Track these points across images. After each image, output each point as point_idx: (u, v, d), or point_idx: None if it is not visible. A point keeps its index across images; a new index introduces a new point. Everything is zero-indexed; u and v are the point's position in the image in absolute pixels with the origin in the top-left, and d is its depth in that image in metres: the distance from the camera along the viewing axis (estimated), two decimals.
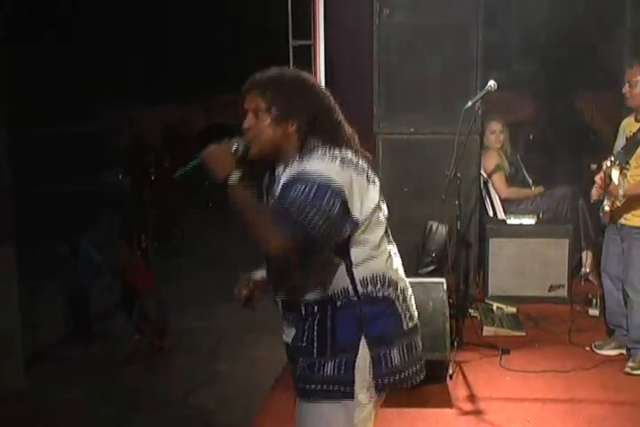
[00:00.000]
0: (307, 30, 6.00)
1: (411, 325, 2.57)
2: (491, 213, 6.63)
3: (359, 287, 2.47)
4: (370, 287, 2.48)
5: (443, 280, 4.77)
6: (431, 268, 5.82)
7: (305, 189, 2.33)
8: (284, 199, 2.36)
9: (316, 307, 2.50)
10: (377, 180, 2.54)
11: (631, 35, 7.31)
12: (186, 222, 8.81)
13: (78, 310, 5.74)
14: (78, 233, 6.45)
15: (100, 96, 12.07)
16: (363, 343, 2.47)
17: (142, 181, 8.65)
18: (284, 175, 2.47)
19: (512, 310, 6.01)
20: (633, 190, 4.63)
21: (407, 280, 2.65)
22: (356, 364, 2.47)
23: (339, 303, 2.48)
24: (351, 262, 2.46)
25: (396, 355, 2.50)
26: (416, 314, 2.63)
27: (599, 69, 7.83)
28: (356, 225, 2.42)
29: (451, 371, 4.72)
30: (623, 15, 7.41)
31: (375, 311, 2.49)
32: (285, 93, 2.48)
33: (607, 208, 4.82)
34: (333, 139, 2.50)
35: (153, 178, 8.74)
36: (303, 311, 2.53)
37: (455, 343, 5.07)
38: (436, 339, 4.50)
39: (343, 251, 2.46)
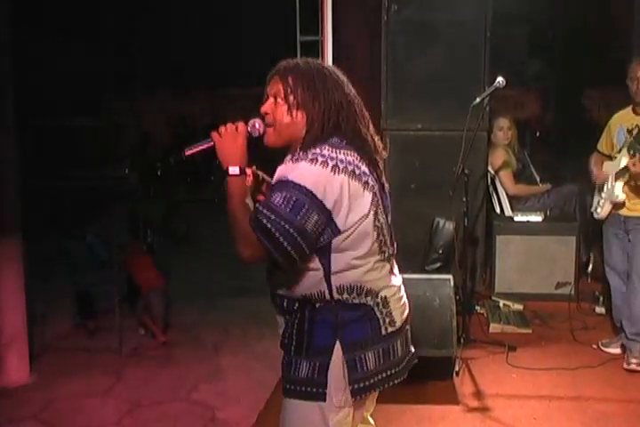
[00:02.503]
0: (315, 26, 5.99)
1: (390, 329, 2.53)
2: (498, 210, 6.62)
3: (335, 294, 2.44)
4: (345, 295, 2.45)
5: (449, 277, 4.75)
6: (438, 264, 5.81)
7: (285, 199, 2.31)
8: (268, 203, 2.35)
9: (296, 304, 2.49)
10: (377, 185, 2.49)
11: (639, 32, 7.30)
12: (191, 216, 8.81)
13: (83, 305, 5.74)
14: (84, 228, 6.45)
15: (107, 90, 12.07)
16: (337, 347, 2.45)
17: (148, 175, 8.67)
18: (278, 170, 2.45)
19: (518, 307, 6.01)
20: None
21: (397, 286, 2.60)
22: (330, 367, 2.45)
23: (317, 305, 2.46)
24: (329, 269, 2.42)
25: (370, 359, 2.48)
26: (402, 317, 2.58)
27: (606, 67, 7.82)
28: (337, 233, 2.38)
29: (457, 368, 4.71)
30: (631, 13, 7.40)
31: (351, 317, 2.46)
32: (304, 83, 2.46)
33: (622, 197, 4.81)
34: (343, 134, 2.46)
35: (159, 172, 8.76)
36: (285, 306, 2.52)
37: (462, 340, 5.06)
38: (443, 336, 4.50)
39: (322, 257, 2.42)
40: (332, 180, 2.34)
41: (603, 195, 5.01)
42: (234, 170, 2.43)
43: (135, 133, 11.61)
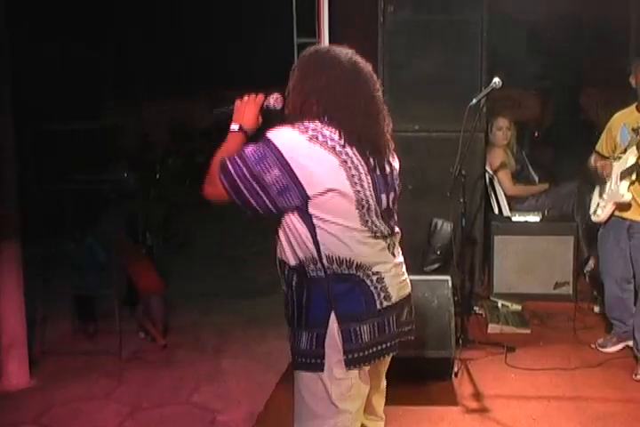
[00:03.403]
0: (311, 28, 5.99)
1: (386, 304, 2.61)
2: (496, 211, 6.63)
3: (325, 262, 2.54)
4: (335, 266, 2.54)
5: (448, 278, 4.77)
6: (436, 265, 5.82)
7: (254, 151, 2.52)
8: (240, 152, 2.55)
9: (294, 276, 2.60)
10: (363, 166, 2.57)
11: (635, 32, 7.31)
12: (190, 219, 8.82)
13: (83, 308, 5.74)
14: (82, 230, 6.44)
15: (106, 92, 12.07)
16: (332, 319, 2.54)
17: (148, 178, 8.67)
18: None
19: (517, 307, 6.01)
20: None
21: (393, 262, 2.68)
22: (327, 338, 2.55)
23: (311, 274, 2.56)
24: (315, 234, 2.53)
25: (365, 331, 2.57)
26: (399, 294, 2.67)
27: (604, 67, 7.83)
28: (307, 197, 2.50)
29: (456, 369, 4.72)
30: (627, 13, 7.41)
31: (343, 289, 2.56)
32: (302, 68, 2.67)
33: (629, 197, 4.73)
34: (334, 115, 2.58)
35: (158, 175, 8.76)
36: (285, 275, 2.64)
37: (460, 341, 5.07)
38: (442, 337, 4.51)
39: (305, 221, 2.53)
40: (306, 146, 2.50)
41: (604, 196, 4.96)
42: (233, 126, 2.75)
43: (134, 136, 11.60)
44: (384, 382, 2.93)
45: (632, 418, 4.22)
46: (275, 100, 2.80)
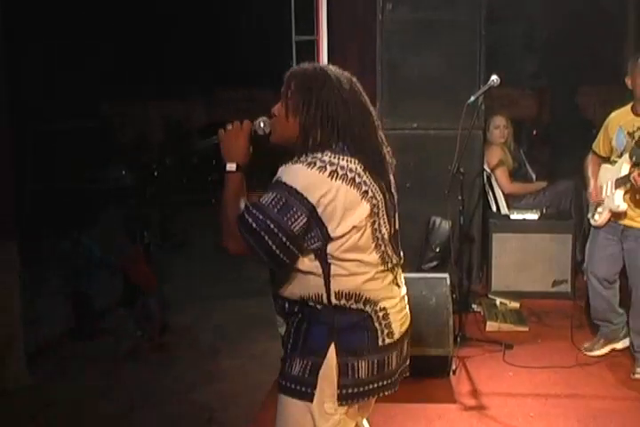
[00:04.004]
0: (310, 26, 5.99)
1: (388, 341, 2.52)
2: (494, 209, 6.62)
3: (333, 299, 2.45)
4: (343, 301, 2.45)
5: (446, 275, 4.76)
6: (434, 263, 5.82)
7: (274, 199, 2.35)
8: (257, 202, 2.39)
9: (296, 307, 2.50)
10: (379, 195, 2.48)
11: (633, 31, 7.31)
12: (187, 218, 8.81)
13: (80, 308, 5.74)
14: (80, 230, 6.44)
15: (102, 92, 12.06)
16: (331, 351, 2.46)
17: (145, 177, 8.65)
18: (279, 170, 2.46)
19: (515, 305, 6.01)
20: None
21: (399, 296, 2.60)
22: (322, 369, 2.46)
23: (316, 308, 2.47)
24: (328, 274, 2.43)
25: (363, 367, 2.47)
26: (400, 330, 2.57)
27: (601, 65, 7.83)
28: (330, 239, 2.39)
29: (454, 366, 4.73)
30: (625, 12, 7.41)
31: (349, 322, 2.47)
32: (301, 88, 2.48)
33: (624, 207, 4.63)
34: (347, 142, 2.45)
35: (155, 174, 8.75)
36: (286, 308, 2.54)
37: (458, 339, 5.07)
38: (439, 334, 4.51)
39: (321, 261, 2.43)
40: (328, 184, 2.35)
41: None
42: (230, 166, 2.51)
43: (131, 135, 11.59)
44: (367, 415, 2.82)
45: (629, 416, 4.22)
46: (263, 124, 2.58)
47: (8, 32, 4.67)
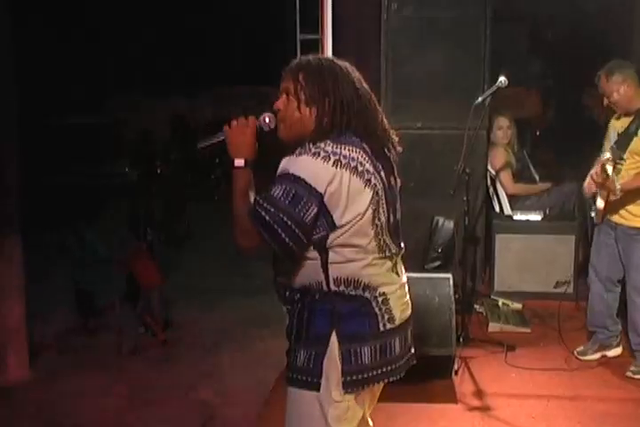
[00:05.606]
0: (314, 24, 5.98)
1: (389, 326, 2.54)
2: (497, 209, 6.61)
3: (332, 285, 2.47)
4: (342, 287, 2.48)
5: (449, 276, 4.76)
6: (437, 263, 5.81)
7: (284, 191, 2.38)
8: (267, 195, 2.41)
9: (297, 295, 2.53)
10: (381, 183, 2.51)
11: (639, 31, 7.29)
12: (191, 215, 8.81)
13: (83, 303, 5.74)
14: (84, 225, 6.45)
15: (107, 87, 12.08)
16: (333, 338, 2.48)
17: (149, 174, 8.66)
18: (281, 162, 2.48)
19: (518, 306, 6.01)
20: (630, 184, 4.54)
21: (399, 283, 2.61)
22: (326, 357, 2.48)
23: (316, 295, 2.50)
24: (327, 260, 2.46)
25: (366, 353, 2.50)
26: (402, 316, 2.59)
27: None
28: (334, 228, 2.42)
29: (456, 367, 4.72)
30: (631, 12, 7.39)
31: (349, 309, 2.49)
32: (314, 79, 2.50)
33: (601, 205, 4.74)
34: (354, 130, 2.49)
35: (159, 170, 8.75)
36: (287, 295, 2.57)
37: (461, 339, 5.07)
38: (442, 335, 4.50)
39: (320, 249, 2.45)
40: (333, 173, 2.38)
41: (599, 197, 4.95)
42: (239, 162, 2.52)
43: (135, 131, 11.59)
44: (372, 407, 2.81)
45: (631, 418, 4.23)
46: (269, 120, 2.58)
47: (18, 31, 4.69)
